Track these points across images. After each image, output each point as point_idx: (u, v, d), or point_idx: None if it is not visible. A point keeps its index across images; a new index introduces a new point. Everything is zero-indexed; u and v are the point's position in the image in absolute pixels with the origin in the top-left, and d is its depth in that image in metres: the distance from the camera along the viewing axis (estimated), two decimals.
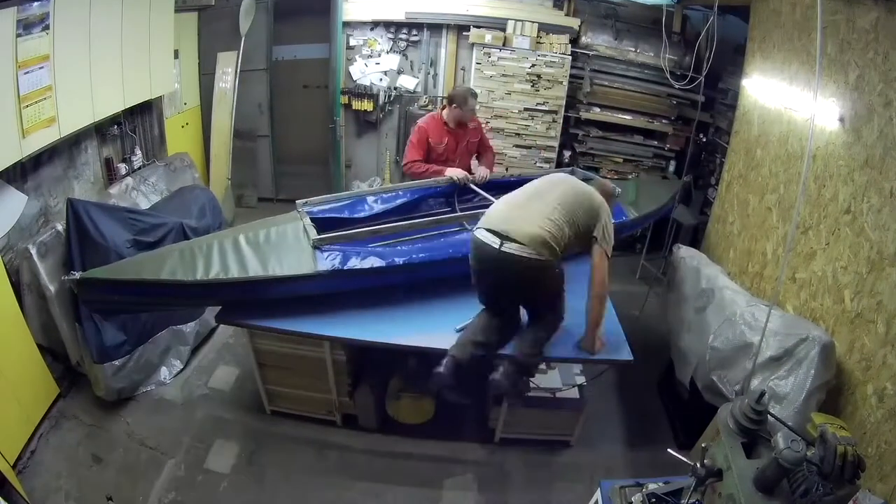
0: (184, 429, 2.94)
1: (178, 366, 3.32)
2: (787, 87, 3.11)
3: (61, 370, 3.01)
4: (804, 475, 1.36)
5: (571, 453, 2.96)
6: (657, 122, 4.83)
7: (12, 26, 2.36)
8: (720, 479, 1.50)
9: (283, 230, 2.65)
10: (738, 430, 1.52)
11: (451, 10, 4.82)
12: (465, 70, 5.07)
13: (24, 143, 2.54)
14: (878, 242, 2.21)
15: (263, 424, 2.99)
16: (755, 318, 2.56)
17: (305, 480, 2.71)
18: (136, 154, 3.73)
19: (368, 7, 4.88)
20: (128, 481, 2.62)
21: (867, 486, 1.75)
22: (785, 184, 3.04)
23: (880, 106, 2.27)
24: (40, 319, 2.82)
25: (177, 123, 4.47)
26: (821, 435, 1.41)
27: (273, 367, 2.83)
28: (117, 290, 2.34)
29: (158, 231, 3.09)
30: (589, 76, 4.76)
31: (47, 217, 2.95)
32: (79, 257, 2.72)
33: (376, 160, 5.60)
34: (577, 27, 4.76)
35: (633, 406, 3.35)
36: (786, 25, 3.19)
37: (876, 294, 2.19)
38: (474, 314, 2.47)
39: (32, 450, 2.69)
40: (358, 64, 5.11)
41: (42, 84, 2.60)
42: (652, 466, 2.79)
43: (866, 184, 2.32)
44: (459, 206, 3.43)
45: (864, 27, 2.39)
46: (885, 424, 2.03)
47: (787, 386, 2.30)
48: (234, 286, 2.39)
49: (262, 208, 5.40)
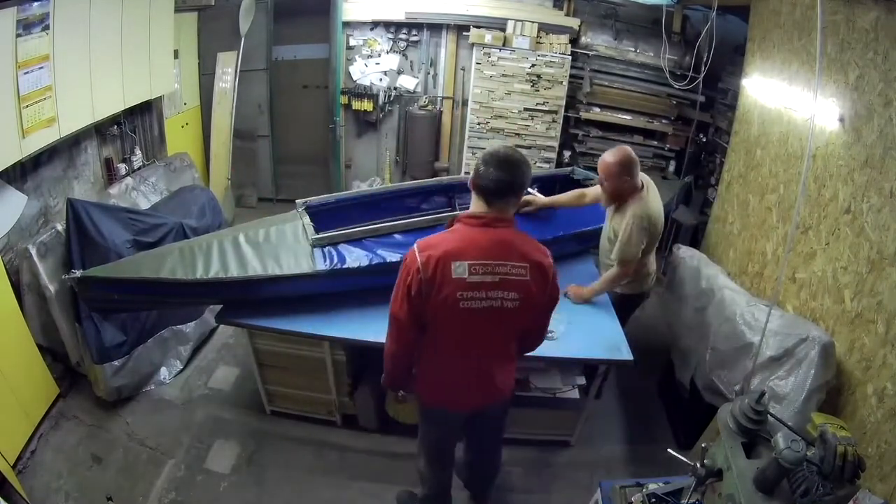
0: (184, 429, 2.94)
1: (178, 366, 3.32)
2: (787, 87, 3.11)
3: (61, 370, 3.01)
4: (804, 475, 1.36)
5: (571, 453, 2.96)
6: (657, 122, 4.83)
7: (12, 26, 2.36)
8: (720, 479, 1.50)
9: (283, 229, 2.66)
10: (738, 430, 1.52)
11: (451, 10, 4.82)
12: (465, 70, 5.07)
13: (23, 143, 2.54)
14: (878, 242, 2.21)
15: (263, 424, 2.99)
16: (755, 318, 2.56)
17: (305, 480, 2.71)
18: (136, 154, 3.72)
19: (368, 7, 4.88)
20: (128, 481, 2.62)
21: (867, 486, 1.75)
22: (785, 184, 3.04)
23: (880, 106, 2.27)
24: (40, 319, 2.82)
25: (177, 123, 4.47)
26: (821, 435, 1.41)
27: (273, 367, 2.82)
28: (117, 289, 2.34)
29: (158, 231, 3.09)
30: (589, 76, 4.76)
31: (47, 217, 2.95)
32: (79, 257, 2.72)
33: (376, 160, 5.61)
34: (576, 27, 4.76)
35: (633, 406, 3.34)
36: (786, 25, 3.19)
37: (876, 294, 2.19)
38: None
39: (32, 450, 2.69)
40: (358, 64, 5.11)
41: (42, 84, 2.60)
42: (652, 466, 2.78)
43: (866, 184, 2.31)
44: (459, 206, 3.43)
45: (864, 27, 2.39)
46: (885, 424, 2.03)
47: (787, 386, 2.30)
48: (233, 285, 2.40)
49: (262, 208, 5.40)
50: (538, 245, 1.73)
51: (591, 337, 2.61)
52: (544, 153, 4.97)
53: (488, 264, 1.61)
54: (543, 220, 3.05)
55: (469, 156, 4.98)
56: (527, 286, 1.65)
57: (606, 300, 2.93)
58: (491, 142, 4.89)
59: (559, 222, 3.08)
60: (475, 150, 4.94)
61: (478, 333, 1.74)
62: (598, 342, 2.59)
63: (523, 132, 4.89)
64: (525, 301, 1.66)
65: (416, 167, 5.35)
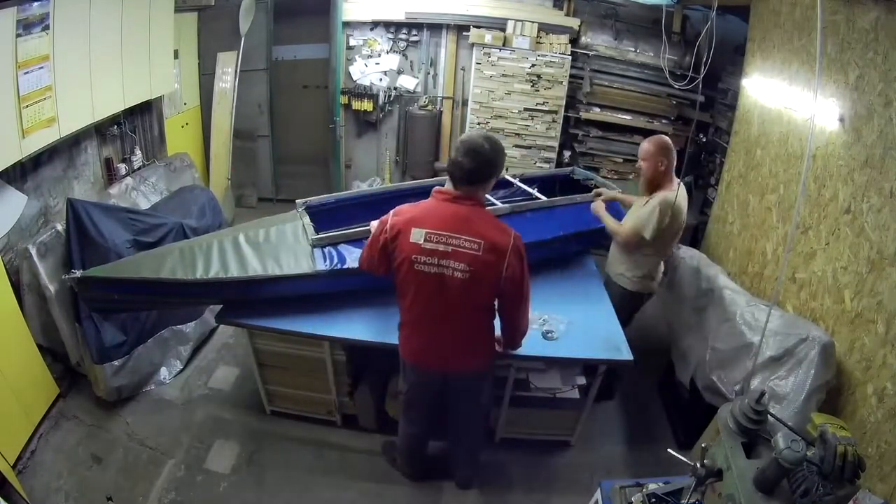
0: (184, 429, 2.94)
1: (178, 366, 3.32)
2: (787, 87, 3.11)
3: (61, 370, 3.01)
4: (804, 475, 1.36)
5: (571, 453, 2.96)
6: (657, 122, 4.83)
7: (12, 26, 2.36)
8: (720, 479, 1.50)
9: (283, 230, 2.66)
10: (738, 430, 1.52)
11: (451, 10, 4.82)
12: (465, 70, 5.07)
13: (23, 143, 2.54)
14: (878, 242, 2.21)
15: (263, 424, 2.99)
16: (755, 318, 2.56)
17: (305, 480, 2.71)
18: (136, 154, 3.72)
19: (368, 7, 4.88)
20: (128, 481, 2.62)
21: (867, 486, 1.75)
22: (785, 184, 3.04)
23: (880, 106, 2.27)
24: (40, 319, 2.82)
25: (177, 123, 4.47)
26: (821, 435, 1.41)
27: (273, 367, 2.82)
28: (117, 289, 2.34)
29: (158, 231, 3.09)
30: (589, 76, 4.76)
31: (47, 217, 2.95)
32: (79, 257, 2.72)
33: (376, 160, 5.61)
34: (576, 27, 4.76)
35: (633, 406, 3.34)
36: (786, 25, 3.19)
37: (876, 294, 2.19)
38: None
39: (32, 450, 2.69)
40: (358, 64, 5.11)
41: (42, 84, 2.60)
42: (652, 466, 2.79)
43: (866, 184, 2.32)
44: None
45: (864, 27, 2.39)
46: (885, 424, 2.03)
47: (787, 386, 2.30)
48: (233, 285, 2.40)
49: (262, 208, 5.40)
50: (502, 226, 1.88)
51: (591, 337, 2.62)
52: (544, 153, 4.97)
53: (443, 234, 1.80)
54: (544, 220, 3.06)
55: None
56: (476, 260, 1.80)
57: (606, 300, 2.93)
58: None
59: (559, 222, 3.08)
60: None
61: (435, 298, 1.93)
62: (598, 342, 2.59)
63: (523, 132, 4.88)
64: (475, 274, 1.83)
65: (416, 167, 5.35)
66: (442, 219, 1.83)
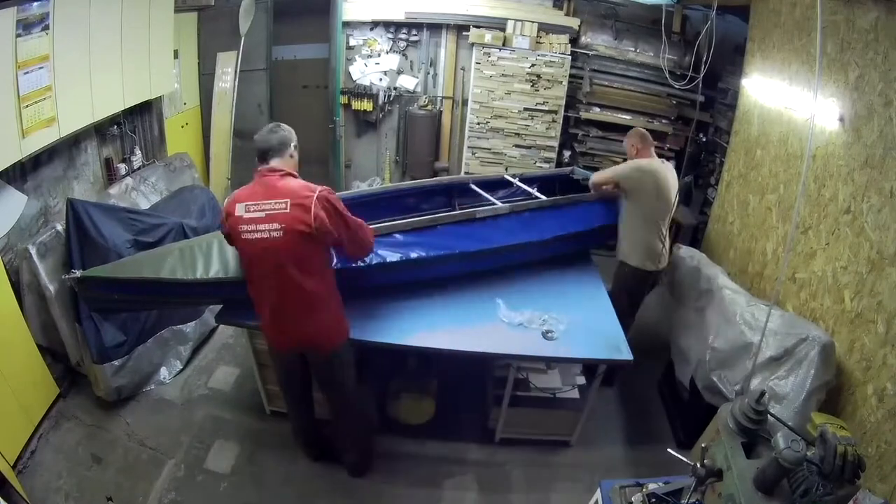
0: (184, 429, 2.94)
1: (178, 366, 3.32)
2: (787, 87, 3.11)
3: (61, 370, 3.01)
4: (804, 475, 1.36)
5: (571, 453, 2.96)
6: (657, 121, 4.83)
7: (12, 26, 2.36)
8: (720, 479, 1.50)
9: None
10: (738, 430, 1.52)
11: (451, 10, 4.82)
12: (465, 70, 5.07)
13: (23, 143, 2.54)
14: (878, 242, 2.21)
15: (263, 424, 2.99)
16: (755, 318, 2.56)
17: (305, 480, 2.71)
18: (136, 154, 3.72)
19: (368, 7, 4.88)
20: (128, 481, 2.62)
21: (867, 486, 1.75)
22: (785, 184, 3.05)
23: (880, 106, 2.27)
24: (40, 319, 2.82)
25: (176, 123, 4.46)
26: (821, 435, 1.41)
27: (273, 367, 2.81)
28: (117, 289, 2.34)
29: (158, 231, 3.09)
30: (589, 76, 4.76)
31: (47, 217, 2.95)
32: (79, 258, 2.72)
33: (376, 160, 5.60)
34: (576, 27, 4.76)
35: (633, 406, 3.34)
36: (785, 25, 3.19)
37: (876, 294, 2.19)
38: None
39: (32, 450, 2.69)
40: (358, 64, 5.11)
41: (42, 84, 2.60)
42: (652, 466, 2.79)
43: (866, 184, 2.32)
44: (459, 206, 3.43)
45: (864, 27, 2.39)
46: (885, 424, 2.03)
47: (787, 386, 2.30)
48: (233, 285, 2.39)
49: None
50: (310, 186, 2.08)
51: (591, 337, 2.62)
52: (544, 153, 4.97)
53: (258, 203, 2.03)
54: (543, 219, 3.06)
55: (469, 155, 4.97)
56: (287, 217, 2.01)
57: (607, 300, 2.94)
58: (491, 141, 4.90)
59: (559, 222, 3.08)
60: (475, 149, 4.94)
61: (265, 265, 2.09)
62: (598, 342, 2.60)
63: (523, 132, 4.88)
64: (287, 231, 2.01)
65: (416, 167, 5.35)
66: (256, 191, 2.07)
